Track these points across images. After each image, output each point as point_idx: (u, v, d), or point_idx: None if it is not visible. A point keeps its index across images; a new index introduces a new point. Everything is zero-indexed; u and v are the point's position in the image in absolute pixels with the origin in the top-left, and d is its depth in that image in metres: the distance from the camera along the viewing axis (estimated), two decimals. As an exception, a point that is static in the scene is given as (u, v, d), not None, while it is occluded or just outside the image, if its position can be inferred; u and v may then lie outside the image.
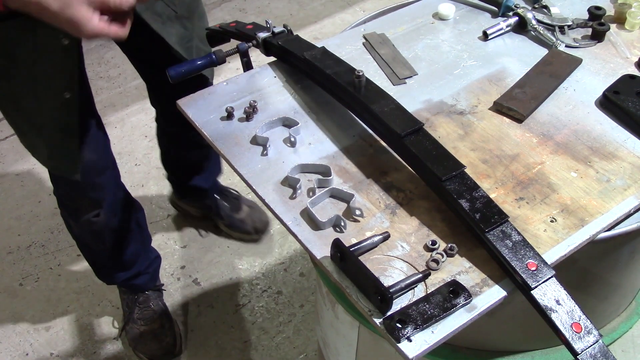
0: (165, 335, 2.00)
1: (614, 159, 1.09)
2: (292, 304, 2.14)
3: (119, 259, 1.88)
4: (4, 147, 2.75)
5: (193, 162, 2.13)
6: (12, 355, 2.02)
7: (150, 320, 2.01)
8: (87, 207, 1.71)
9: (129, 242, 1.86)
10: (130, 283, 1.98)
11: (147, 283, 2.02)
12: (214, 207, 2.28)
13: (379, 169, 1.08)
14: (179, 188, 2.29)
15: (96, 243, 1.82)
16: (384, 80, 1.27)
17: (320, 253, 0.95)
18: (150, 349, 1.98)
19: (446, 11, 1.42)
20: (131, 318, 2.02)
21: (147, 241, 1.99)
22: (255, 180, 1.07)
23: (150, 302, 2.03)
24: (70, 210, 1.76)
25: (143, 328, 2.00)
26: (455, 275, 0.91)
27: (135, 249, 1.90)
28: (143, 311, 2.02)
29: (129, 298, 2.04)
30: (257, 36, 1.30)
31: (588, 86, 1.24)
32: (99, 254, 1.88)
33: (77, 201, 1.71)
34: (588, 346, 0.84)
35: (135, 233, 1.88)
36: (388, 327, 0.84)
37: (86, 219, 1.72)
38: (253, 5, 3.53)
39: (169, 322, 2.03)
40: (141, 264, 1.96)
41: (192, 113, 1.20)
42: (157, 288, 2.09)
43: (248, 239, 2.33)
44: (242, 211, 2.31)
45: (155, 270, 2.05)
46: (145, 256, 1.97)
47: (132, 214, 1.85)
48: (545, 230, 0.97)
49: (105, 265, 1.92)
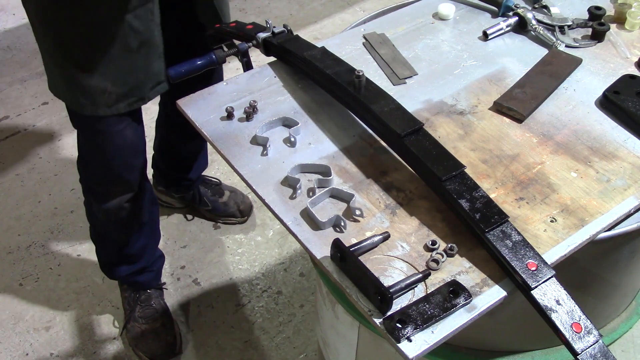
0: (166, 334, 2.00)
1: (614, 159, 1.09)
2: (292, 304, 2.14)
3: (128, 251, 1.89)
4: (4, 147, 2.75)
5: (188, 153, 2.15)
6: (12, 355, 2.02)
7: (152, 319, 2.01)
8: (117, 191, 1.71)
9: (140, 235, 1.87)
10: (133, 279, 1.99)
11: (150, 281, 2.03)
12: (197, 196, 2.31)
13: (379, 169, 1.08)
14: (165, 178, 2.30)
15: (116, 232, 1.83)
16: (384, 80, 1.27)
17: (320, 253, 0.95)
18: (150, 348, 1.98)
19: (446, 11, 1.42)
20: (132, 316, 2.02)
21: (157, 238, 2.00)
22: (255, 180, 1.07)
23: (152, 300, 2.03)
24: (99, 195, 1.75)
25: (144, 327, 2.00)
26: (455, 275, 0.91)
27: (144, 244, 1.91)
28: (145, 310, 2.02)
29: (130, 296, 2.04)
30: (257, 36, 1.30)
31: (588, 86, 1.24)
32: (111, 243, 1.89)
33: (108, 185, 1.71)
34: (588, 346, 0.84)
35: (148, 227, 1.89)
36: (388, 327, 0.84)
37: (113, 205, 1.73)
38: (253, 5, 3.53)
39: (169, 322, 2.03)
40: (147, 260, 1.96)
41: (192, 113, 1.20)
42: (159, 287, 2.09)
43: (234, 222, 2.37)
44: (225, 195, 2.36)
45: (159, 269, 2.06)
46: (151, 252, 1.98)
47: (150, 207, 1.87)
48: (545, 230, 0.97)
49: (113, 257, 1.93)
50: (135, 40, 1.42)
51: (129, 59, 1.44)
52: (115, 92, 1.47)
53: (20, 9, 1.69)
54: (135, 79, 1.48)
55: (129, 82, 1.47)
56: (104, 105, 1.48)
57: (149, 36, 1.43)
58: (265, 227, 2.38)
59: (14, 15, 3.51)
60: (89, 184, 1.77)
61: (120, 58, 1.43)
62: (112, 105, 1.49)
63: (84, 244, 2.33)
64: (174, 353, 1.99)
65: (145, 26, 1.41)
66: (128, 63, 1.45)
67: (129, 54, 1.43)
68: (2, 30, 3.43)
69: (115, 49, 1.41)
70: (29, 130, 2.82)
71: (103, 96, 1.46)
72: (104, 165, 1.65)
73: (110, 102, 1.48)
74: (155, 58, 1.48)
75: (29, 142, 2.76)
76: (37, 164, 2.65)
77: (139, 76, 1.48)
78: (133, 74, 1.47)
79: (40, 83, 3.06)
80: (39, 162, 2.66)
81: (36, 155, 2.70)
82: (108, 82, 1.45)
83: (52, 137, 2.78)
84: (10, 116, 2.89)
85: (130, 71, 1.46)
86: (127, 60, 1.44)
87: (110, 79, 1.45)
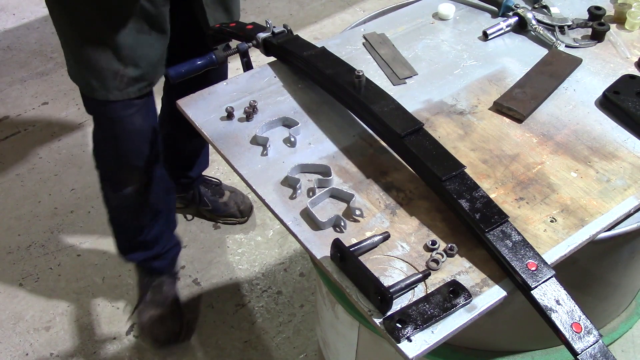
0: (172, 322, 2.04)
1: (614, 159, 1.09)
2: (292, 304, 2.14)
3: (143, 237, 1.92)
4: (4, 147, 2.75)
5: (190, 151, 2.17)
6: (12, 355, 2.02)
7: (161, 305, 2.05)
8: (129, 178, 1.75)
9: (156, 222, 1.91)
10: (148, 264, 2.04)
11: (163, 267, 2.07)
12: (197, 196, 2.32)
13: (379, 169, 1.08)
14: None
15: (131, 219, 1.87)
16: (384, 80, 1.27)
17: (320, 253, 0.95)
18: (155, 333, 2.03)
19: (446, 11, 1.42)
20: (143, 300, 2.07)
21: (172, 226, 2.04)
22: (255, 180, 1.07)
23: (163, 287, 2.08)
24: (112, 182, 1.80)
25: (152, 311, 2.04)
26: (455, 275, 0.91)
27: (160, 231, 1.95)
28: (155, 295, 2.06)
29: (144, 280, 2.09)
30: (257, 36, 1.30)
31: (588, 86, 1.24)
32: (126, 229, 1.93)
33: (122, 172, 1.75)
34: (588, 346, 0.84)
35: (164, 215, 1.93)
36: (388, 327, 0.84)
37: (126, 192, 1.77)
38: (253, 5, 3.53)
39: (178, 310, 2.07)
40: (162, 247, 2.00)
41: (192, 113, 1.20)
42: (173, 275, 2.14)
43: (234, 222, 2.38)
44: (225, 195, 2.37)
45: (174, 257, 2.10)
46: (167, 240, 2.02)
47: (166, 196, 1.90)
48: (545, 230, 0.97)
49: (128, 242, 1.97)
50: (147, 23, 1.47)
51: (141, 41, 1.49)
52: (127, 75, 1.52)
53: (20, 9, 1.69)
54: (147, 62, 1.53)
55: (141, 65, 1.52)
56: (114, 89, 1.53)
57: (161, 21, 1.49)
58: (265, 227, 2.38)
59: (14, 15, 3.51)
60: (103, 171, 1.81)
61: (133, 39, 1.48)
62: (123, 89, 1.53)
63: (84, 244, 2.33)
64: (176, 342, 2.03)
65: (158, 10, 1.47)
66: (140, 45, 1.49)
67: (141, 36, 1.48)
68: (2, 30, 3.43)
69: (127, 29, 1.46)
70: (29, 130, 2.82)
71: (115, 80, 1.51)
72: (115, 151, 1.70)
73: (121, 86, 1.53)
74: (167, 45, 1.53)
75: (29, 142, 2.76)
76: (37, 164, 2.65)
77: (151, 60, 1.53)
78: (144, 57, 1.51)
79: (40, 83, 3.06)
80: (39, 162, 2.66)
81: (36, 155, 2.70)
82: (120, 63, 1.49)
83: (52, 137, 2.78)
84: (10, 116, 2.89)
85: (141, 54, 1.51)
86: (139, 43, 1.49)
87: (122, 60, 1.49)
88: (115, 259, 2.28)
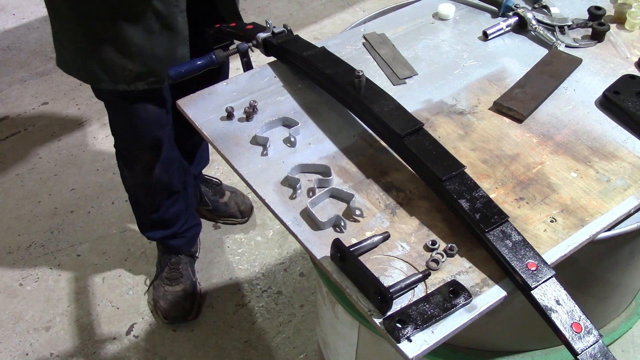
0: (184, 300, 2.08)
1: (614, 159, 1.09)
2: (292, 304, 2.14)
3: (162, 216, 1.97)
4: (4, 147, 2.75)
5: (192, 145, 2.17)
6: (12, 355, 2.02)
7: (175, 282, 2.10)
8: (143, 158, 1.79)
9: (174, 202, 1.95)
10: (167, 242, 2.09)
11: (182, 246, 2.12)
12: (197, 196, 2.33)
13: (379, 169, 1.08)
14: None
15: (145, 197, 1.92)
16: (384, 80, 1.27)
17: (320, 253, 0.95)
18: (166, 309, 2.07)
19: (446, 11, 1.42)
20: (160, 276, 2.12)
21: (191, 206, 2.08)
22: (255, 180, 1.07)
23: (180, 265, 2.12)
24: (128, 161, 1.85)
25: (166, 287, 2.09)
26: (455, 275, 0.91)
27: (178, 210, 1.99)
28: (171, 272, 2.11)
29: (163, 257, 2.14)
30: (257, 36, 1.30)
31: (588, 86, 1.24)
32: (143, 207, 1.97)
33: (135, 152, 1.80)
34: (588, 346, 0.84)
35: (182, 195, 1.97)
36: (388, 327, 0.84)
37: (140, 171, 1.81)
38: (253, 5, 3.53)
39: (191, 289, 2.11)
40: (180, 226, 2.04)
41: (192, 113, 1.20)
42: (191, 254, 2.18)
43: (234, 222, 2.39)
44: (226, 195, 2.39)
45: (193, 237, 2.15)
46: (186, 219, 2.06)
47: (182, 176, 1.94)
48: (545, 230, 0.97)
49: (147, 219, 2.02)
50: (158, 24, 1.47)
51: (150, 40, 1.49)
52: (135, 71, 1.53)
53: (20, 9, 1.70)
54: (156, 61, 1.53)
55: (149, 63, 1.53)
56: (122, 81, 1.54)
57: (172, 21, 1.49)
58: (265, 227, 2.38)
59: (14, 15, 3.51)
60: (118, 149, 1.85)
61: (142, 39, 1.48)
62: (131, 82, 1.54)
63: (84, 244, 2.33)
64: (186, 319, 2.08)
65: (169, 11, 1.47)
66: (149, 45, 1.50)
67: (151, 36, 1.49)
68: (2, 30, 3.43)
69: (137, 29, 1.46)
70: (29, 130, 2.82)
71: (122, 72, 1.52)
72: (130, 133, 1.73)
73: (129, 79, 1.54)
74: (179, 44, 1.53)
75: (29, 142, 2.76)
76: (37, 164, 2.65)
77: (160, 59, 1.53)
78: (153, 57, 1.52)
79: (40, 83, 3.06)
80: (39, 162, 2.66)
81: (36, 155, 2.70)
82: (128, 60, 1.50)
83: (52, 137, 2.78)
84: (10, 116, 2.89)
85: (150, 53, 1.51)
86: (148, 42, 1.49)
87: (130, 58, 1.50)
88: (116, 259, 2.28)
